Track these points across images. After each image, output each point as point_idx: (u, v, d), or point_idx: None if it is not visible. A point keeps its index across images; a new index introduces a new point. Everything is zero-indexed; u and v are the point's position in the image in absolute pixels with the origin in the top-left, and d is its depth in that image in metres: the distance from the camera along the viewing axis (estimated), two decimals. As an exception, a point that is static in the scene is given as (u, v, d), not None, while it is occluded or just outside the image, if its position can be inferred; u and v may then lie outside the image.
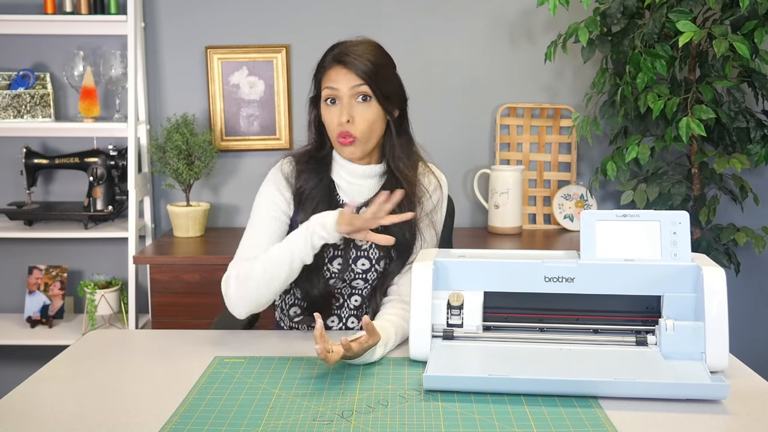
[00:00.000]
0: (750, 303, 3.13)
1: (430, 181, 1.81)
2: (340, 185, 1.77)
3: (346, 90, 1.67)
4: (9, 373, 3.13)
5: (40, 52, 3.04)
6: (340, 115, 1.67)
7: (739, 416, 1.28)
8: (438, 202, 1.82)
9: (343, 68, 1.67)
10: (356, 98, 1.68)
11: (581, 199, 3.04)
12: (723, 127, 2.70)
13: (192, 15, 3.03)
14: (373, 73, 1.67)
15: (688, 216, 1.50)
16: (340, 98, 1.68)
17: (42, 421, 1.28)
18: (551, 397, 1.34)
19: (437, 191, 1.82)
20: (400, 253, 1.75)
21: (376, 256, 1.75)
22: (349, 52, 1.68)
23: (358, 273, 1.75)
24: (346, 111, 1.67)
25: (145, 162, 3.03)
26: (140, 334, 1.99)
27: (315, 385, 1.41)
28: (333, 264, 1.74)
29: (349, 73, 1.67)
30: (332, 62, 1.69)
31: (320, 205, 1.72)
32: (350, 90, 1.67)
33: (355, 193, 1.77)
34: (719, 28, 2.40)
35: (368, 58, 1.68)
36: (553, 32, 2.97)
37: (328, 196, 1.75)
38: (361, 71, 1.66)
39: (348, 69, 1.67)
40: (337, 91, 1.68)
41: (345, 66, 1.67)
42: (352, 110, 1.67)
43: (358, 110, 1.68)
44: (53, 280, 3.04)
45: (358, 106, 1.68)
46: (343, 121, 1.67)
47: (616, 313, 1.52)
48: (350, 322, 1.80)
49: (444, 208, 1.84)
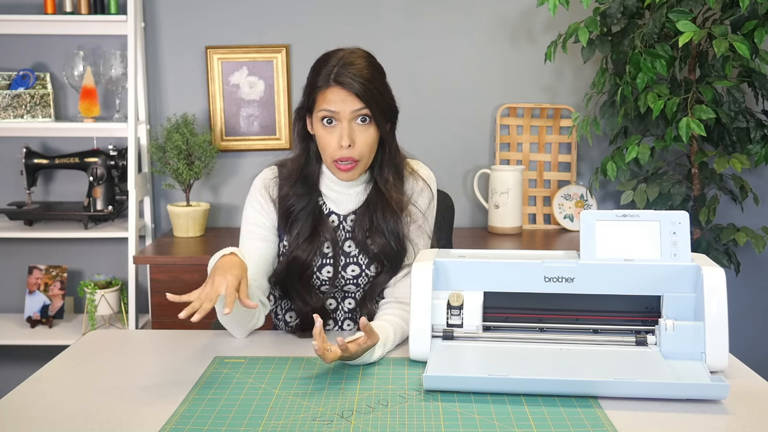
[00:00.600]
0: (750, 303, 3.13)
1: (417, 183, 1.78)
2: (328, 195, 1.76)
3: (347, 113, 1.63)
4: (9, 373, 3.13)
5: (40, 52, 3.04)
6: (341, 139, 1.63)
7: (739, 416, 1.28)
8: (428, 205, 1.79)
9: (342, 90, 1.62)
10: (355, 120, 1.64)
11: (581, 199, 3.04)
12: (723, 127, 2.70)
13: (192, 15, 3.03)
14: (372, 93, 1.63)
15: (688, 216, 1.50)
16: (340, 120, 1.64)
17: (42, 421, 1.28)
18: (551, 397, 1.34)
19: (425, 192, 1.79)
20: (390, 262, 1.73)
21: (366, 262, 1.74)
22: (347, 72, 1.61)
23: (348, 279, 1.75)
24: (347, 135, 1.63)
25: (145, 162, 3.03)
26: (140, 334, 1.99)
27: (315, 385, 1.41)
28: (323, 272, 1.73)
29: (350, 95, 1.62)
30: (330, 82, 1.63)
31: (305, 225, 1.71)
32: (351, 113, 1.63)
33: (342, 201, 1.76)
34: (719, 28, 2.40)
35: (366, 76, 1.62)
36: (553, 32, 2.97)
37: (315, 213, 1.73)
38: (362, 93, 1.61)
39: (348, 91, 1.61)
40: (337, 113, 1.63)
41: (344, 88, 1.61)
42: (353, 134, 1.64)
43: (358, 133, 1.64)
44: (53, 280, 3.04)
45: (358, 129, 1.64)
46: (345, 145, 1.63)
47: (616, 313, 1.52)
48: (346, 324, 1.79)
49: (434, 209, 1.82)
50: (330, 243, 1.73)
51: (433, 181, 1.82)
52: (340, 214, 1.76)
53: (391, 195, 1.72)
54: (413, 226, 1.76)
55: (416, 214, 1.76)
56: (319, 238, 1.72)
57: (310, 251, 1.71)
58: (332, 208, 1.76)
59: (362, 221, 1.73)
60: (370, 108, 1.63)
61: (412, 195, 1.77)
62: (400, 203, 1.73)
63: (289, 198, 1.74)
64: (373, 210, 1.72)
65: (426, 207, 1.79)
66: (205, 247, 2.77)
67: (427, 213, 1.79)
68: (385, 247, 1.71)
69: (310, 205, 1.73)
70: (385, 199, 1.72)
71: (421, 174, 1.80)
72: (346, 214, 1.76)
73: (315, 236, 1.71)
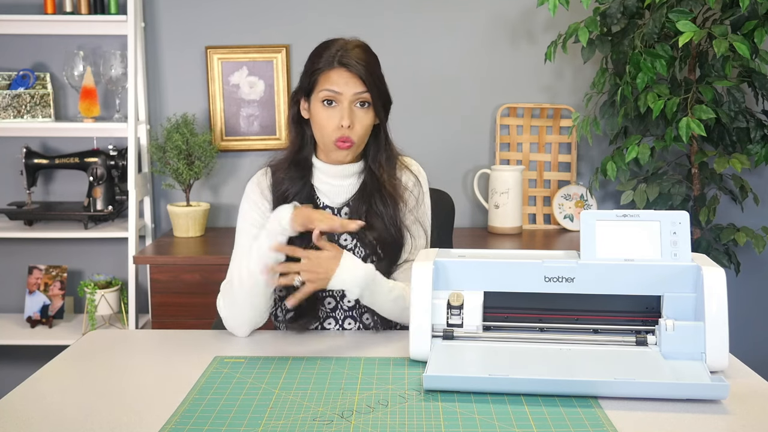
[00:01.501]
0: (750, 303, 3.13)
1: (408, 178, 1.81)
2: (320, 188, 1.77)
3: (349, 95, 1.66)
4: (9, 373, 3.13)
5: (40, 52, 3.04)
6: (341, 119, 1.66)
7: (739, 416, 1.28)
8: (419, 197, 1.81)
9: (346, 72, 1.66)
10: (356, 103, 1.68)
11: (581, 199, 3.04)
12: (723, 127, 2.70)
13: (192, 15, 3.03)
14: (373, 79, 1.67)
15: (688, 216, 1.50)
16: (341, 102, 1.67)
17: (42, 421, 1.28)
18: (551, 397, 1.34)
19: (416, 188, 1.81)
20: (387, 252, 1.74)
21: (362, 255, 1.75)
22: (351, 55, 1.66)
23: None
24: (347, 115, 1.66)
25: (145, 162, 3.03)
26: (140, 334, 1.99)
27: (315, 385, 1.41)
28: None
29: (353, 77, 1.66)
30: (334, 63, 1.67)
31: None
32: (353, 95, 1.67)
33: (334, 193, 1.77)
34: (719, 28, 2.40)
35: (368, 62, 1.68)
36: (553, 32, 2.97)
37: (310, 200, 1.75)
38: (365, 77, 1.66)
39: (351, 73, 1.66)
40: (339, 95, 1.66)
41: (348, 70, 1.66)
42: (353, 115, 1.67)
43: (358, 116, 1.68)
44: (53, 280, 3.04)
45: (358, 112, 1.68)
46: (345, 125, 1.66)
47: (616, 313, 1.52)
48: (347, 323, 1.80)
49: (427, 203, 1.83)
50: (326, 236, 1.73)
51: (424, 177, 1.84)
52: (334, 207, 1.77)
53: (386, 180, 1.74)
54: (410, 217, 1.77)
55: (411, 203, 1.78)
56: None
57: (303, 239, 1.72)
58: (326, 202, 1.78)
59: (358, 209, 1.74)
60: (371, 93, 1.67)
61: (407, 187, 1.79)
62: (396, 189, 1.75)
63: (283, 183, 1.75)
64: (370, 196, 1.74)
65: (420, 201, 1.81)
66: (205, 247, 2.77)
67: (419, 202, 1.80)
68: (383, 233, 1.72)
69: (304, 190, 1.74)
70: (380, 185, 1.73)
71: (413, 170, 1.83)
72: (339, 206, 1.77)
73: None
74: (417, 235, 1.78)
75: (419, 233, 1.79)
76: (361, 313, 1.78)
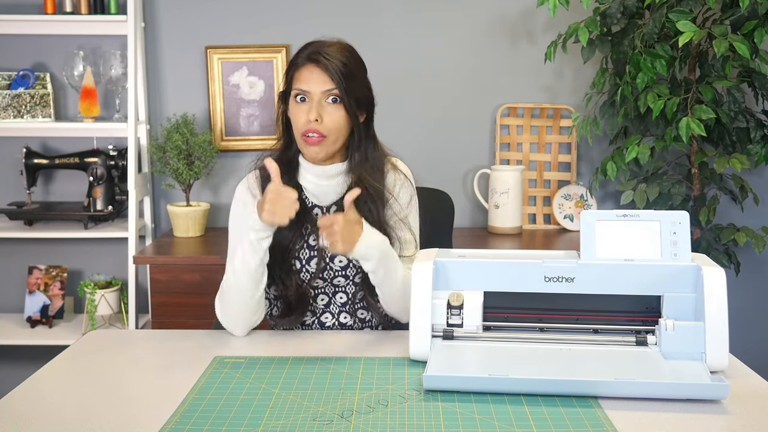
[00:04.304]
0: (750, 303, 3.13)
1: (398, 177, 1.80)
2: (307, 188, 1.78)
3: (317, 92, 1.68)
4: (9, 373, 3.13)
5: (40, 52, 3.04)
6: (309, 113, 1.67)
7: (739, 416, 1.28)
8: (410, 200, 1.80)
9: (316, 68, 1.67)
10: (326, 99, 1.69)
11: (581, 199, 3.04)
12: (723, 127, 2.70)
13: (192, 15, 3.03)
14: (344, 76, 1.67)
15: (688, 216, 1.50)
16: (312, 98, 1.68)
17: (42, 421, 1.28)
18: (551, 397, 1.34)
19: (406, 186, 1.81)
20: None
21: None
22: (323, 52, 1.68)
23: (337, 270, 1.76)
24: (315, 109, 1.67)
25: (145, 162, 3.03)
26: (140, 334, 1.99)
27: (315, 385, 1.41)
28: (311, 264, 1.74)
29: (323, 74, 1.67)
30: (306, 60, 1.69)
31: None
32: (322, 93, 1.68)
33: (322, 193, 1.77)
34: (719, 28, 2.40)
35: (341, 59, 1.68)
36: (553, 32, 2.97)
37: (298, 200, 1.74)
38: (334, 73, 1.66)
39: (321, 69, 1.67)
40: (308, 92, 1.68)
41: (318, 66, 1.67)
42: (322, 110, 1.68)
43: (327, 111, 1.68)
44: (53, 280, 3.04)
45: (328, 107, 1.68)
46: (311, 119, 1.67)
47: (616, 313, 1.52)
48: (342, 317, 1.80)
49: (416, 205, 1.83)
50: (316, 235, 1.74)
51: (412, 177, 1.84)
52: (323, 206, 1.78)
53: (369, 184, 1.74)
54: (397, 216, 1.77)
55: (400, 202, 1.78)
56: (302, 224, 1.73)
57: (291, 236, 1.73)
58: (314, 201, 1.78)
59: None
60: (340, 90, 1.67)
61: (393, 188, 1.79)
62: (380, 193, 1.75)
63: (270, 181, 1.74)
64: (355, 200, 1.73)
65: (408, 201, 1.80)
66: (205, 247, 2.77)
67: (409, 207, 1.80)
68: None
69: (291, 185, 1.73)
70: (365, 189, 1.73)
71: (401, 169, 1.82)
72: (328, 205, 1.78)
73: (297, 222, 1.70)
74: (402, 238, 1.78)
75: (406, 233, 1.79)
76: (355, 309, 1.79)
